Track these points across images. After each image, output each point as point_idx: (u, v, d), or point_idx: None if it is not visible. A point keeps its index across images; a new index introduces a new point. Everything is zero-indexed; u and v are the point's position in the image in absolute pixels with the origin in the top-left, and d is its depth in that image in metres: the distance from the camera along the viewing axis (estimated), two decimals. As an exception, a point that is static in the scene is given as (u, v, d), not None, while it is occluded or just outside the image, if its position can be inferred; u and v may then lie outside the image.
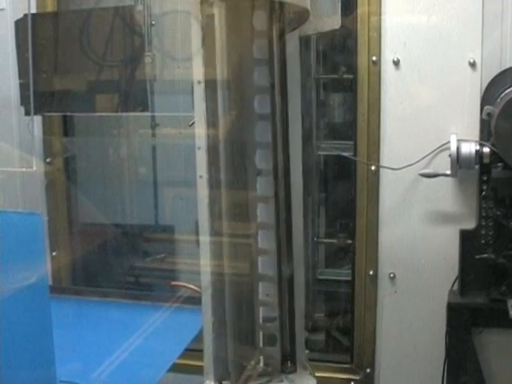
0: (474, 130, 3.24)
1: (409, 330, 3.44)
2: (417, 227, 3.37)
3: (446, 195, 3.32)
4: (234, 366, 2.43)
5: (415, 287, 3.41)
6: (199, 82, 2.31)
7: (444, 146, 3.26)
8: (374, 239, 3.45)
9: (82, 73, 3.49)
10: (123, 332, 3.10)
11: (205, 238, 2.43)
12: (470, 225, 3.29)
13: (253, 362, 2.46)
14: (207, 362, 2.45)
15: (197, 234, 4.04)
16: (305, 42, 3.12)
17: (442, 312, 3.35)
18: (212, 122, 2.32)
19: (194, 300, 3.27)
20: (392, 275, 3.43)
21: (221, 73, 2.29)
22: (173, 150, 4.15)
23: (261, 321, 2.53)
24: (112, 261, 4.22)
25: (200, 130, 2.35)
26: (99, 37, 3.45)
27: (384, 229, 3.41)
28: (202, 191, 2.39)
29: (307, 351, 2.84)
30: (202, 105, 2.32)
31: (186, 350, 2.95)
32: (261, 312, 2.54)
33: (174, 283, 3.24)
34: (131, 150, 4.24)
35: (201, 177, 2.38)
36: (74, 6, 3.70)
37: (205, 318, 2.44)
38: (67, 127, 3.94)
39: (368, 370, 3.55)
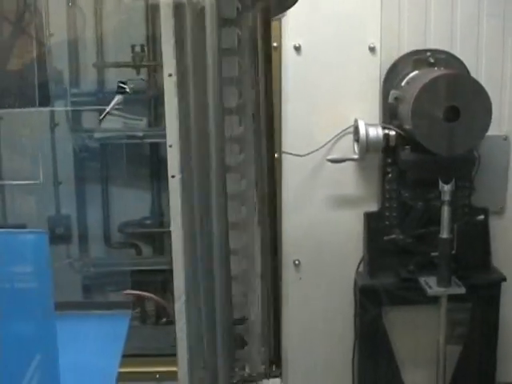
0: (374, 114, 3.31)
1: (316, 315, 3.45)
2: (320, 212, 3.38)
3: (348, 179, 3.35)
4: (210, 373, 2.31)
5: (321, 272, 3.42)
6: (170, 75, 2.14)
7: (347, 131, 3.30)
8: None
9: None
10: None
11: (177, 243, 2.26)
12: (373, 207, 3.38)
13: (236, 369, 2.35)
14: (182, 370, 2.31)
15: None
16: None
17: (348, 295, 3.41)
18: (183, 118, 2.16)
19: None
20: (297, 262, 3.41)
21: (191, 65, 2.13)
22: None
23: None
24: None
25: (172, 126, 2.18)
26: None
27: (287, 216, 3.39)
28: (175, 192, 2.22)
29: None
30: (174, 100, 2.15)
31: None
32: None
33: (126, 292, 3.01)
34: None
35: (173, 176, 2.21)
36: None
37: (178, 327, 2.29)
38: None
39: (275, 357, 3.52)
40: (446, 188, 3.13)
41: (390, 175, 3.30)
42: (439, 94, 2.96)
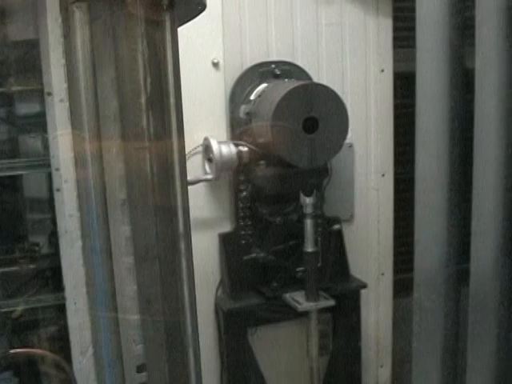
0: (221, 131, 3.19)
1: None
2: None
3: (200, 201, 3.20)
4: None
5: (178, 301, 3.25)
6: (62, 100, 1.91)
7: (195, 150, 3.15)
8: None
9: None
10: None
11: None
12: (229, 228, 3.27)
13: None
14: None
15: None
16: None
17: (209, 322, 3.27)
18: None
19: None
20: (152, 294, 3.21)
21: (86, 84, 1.88)
22: None
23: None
24: None
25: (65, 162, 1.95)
26: None
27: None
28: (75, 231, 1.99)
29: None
30: (67, 130, 1.92)
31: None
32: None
33: (14, 351, 2.62)
34: None
35: (71, 216, 1.98)
36: None
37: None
38: None
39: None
40: (308, 201, 3.09)
41: (244, 193, 3.20)
42: (297, 105, 2.90)
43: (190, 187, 3.09)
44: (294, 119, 2.91)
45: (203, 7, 1.94)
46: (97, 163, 1.81)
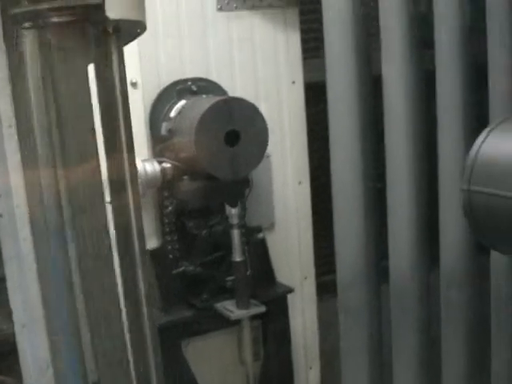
0: (142, 149, 3.23)
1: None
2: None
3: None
4: None
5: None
6: (10, 126, 1.92)
7: (119, 170, 3.18)
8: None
9: None
10: None
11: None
12: (155, 244, 3.31)
13: None
14: None
15: None
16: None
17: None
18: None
19: None
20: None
21: (38, 114, 1.90)
22: None
23: None
24: None
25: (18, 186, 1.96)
26: None
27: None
28: (30, 255, 2.00)
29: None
30: (16, 156, 1.93)
31: None
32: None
33: None
34: None
35: (25, 239, 1.99)
36: None
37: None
38: None
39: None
40: (234, 211, 3.18)
41: (169, 208, 3.25)
42: (218, 119, 2.99)
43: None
44: (215, 133, 2.99)
45: (143, 29, 1.99)
46: (44, 187, 1.85)
